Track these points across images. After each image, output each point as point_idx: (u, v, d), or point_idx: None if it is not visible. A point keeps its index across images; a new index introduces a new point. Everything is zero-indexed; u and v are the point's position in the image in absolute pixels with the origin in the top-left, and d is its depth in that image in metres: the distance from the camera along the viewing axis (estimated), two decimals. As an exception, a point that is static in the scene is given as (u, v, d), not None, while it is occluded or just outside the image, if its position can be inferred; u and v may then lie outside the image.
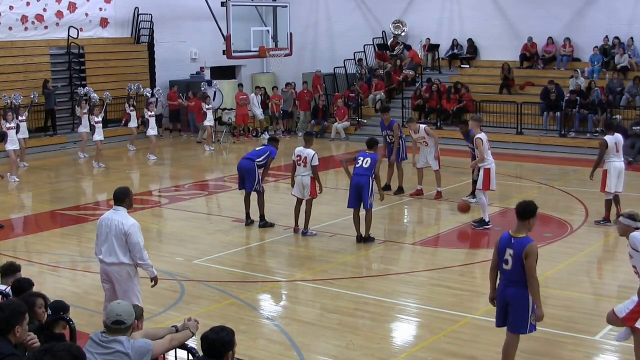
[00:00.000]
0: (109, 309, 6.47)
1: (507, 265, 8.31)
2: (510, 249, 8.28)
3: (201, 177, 22.81)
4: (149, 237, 16.19)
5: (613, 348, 9.97)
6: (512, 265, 8.27)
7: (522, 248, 8.18)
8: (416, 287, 12.38)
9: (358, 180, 14.54)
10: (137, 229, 9.35)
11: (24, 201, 19.84)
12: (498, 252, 8.43)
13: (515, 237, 8.31)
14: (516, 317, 8.42)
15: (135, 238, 9.30)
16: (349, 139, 28.49)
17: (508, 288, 8.39)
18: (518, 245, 8.23)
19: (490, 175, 15.48)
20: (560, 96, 26.10)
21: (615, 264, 13.46)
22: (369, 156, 14.68)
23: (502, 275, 8.46)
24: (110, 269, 9.47)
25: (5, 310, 6.14)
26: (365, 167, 14.57)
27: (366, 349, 9.84)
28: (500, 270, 8.46)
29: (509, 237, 8.35)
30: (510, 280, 8.35)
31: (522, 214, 8.35)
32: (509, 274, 8.33)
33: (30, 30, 27.76)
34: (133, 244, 9.32)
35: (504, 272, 8.41)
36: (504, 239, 8.39)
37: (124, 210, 9.46)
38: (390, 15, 31.95)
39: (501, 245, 8.40)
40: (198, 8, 28.74)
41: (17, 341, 6.12)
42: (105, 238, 9.42)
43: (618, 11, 27.54)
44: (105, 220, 9.49)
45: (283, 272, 13.30)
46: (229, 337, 5.95)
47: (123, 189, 9.63)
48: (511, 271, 8.30)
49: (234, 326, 8.57)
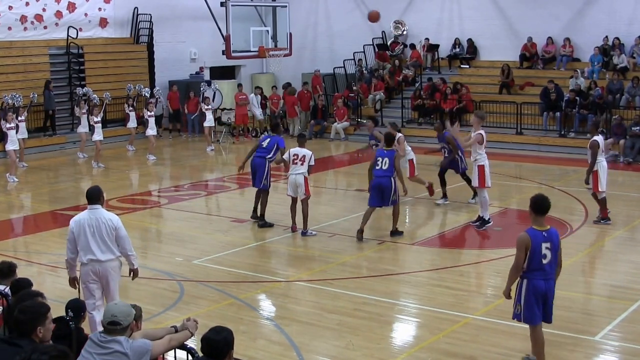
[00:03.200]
0: (105, 309, 6.48)
1: (546, 260, 8.53)
2: (545, 242, 8.50)
3: (201, 177, 22.80)
4: (149, 238, 16.24)
5: (613, 348, 9.97)
6: (551, 258, 8.55)
7: (558, 239, 8.60)
8: (416, 287, 12.37)
9: (379, 181, 14.68)
10: (121, 223, 9.59)
11: (23, 201, 19.83)
12: (534, 249, 8.49)
13: (545, 229, 8.58)
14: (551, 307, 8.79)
15: (124, 231, 9.54)
16: (348, 139, 28.47)
17: (549, 282, 8.64)
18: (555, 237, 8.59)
19: (484, 172, 15.44)
20: (560, 96, 26.09)
21: (615, 265, 13.44)
22: (387, 156, 14.76)
23: (541, 271, 8.56)
24: (105, 267, 9.48)
25: (26, 313, 6.25)
26: (385, 169, 14.68)
27: (366, 349, 9.82)
28: (538, 267, 8.54)
29: (541, 232, 8.54)
30: (550, 274, 8.64)
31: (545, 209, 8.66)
32: (549, 267, 8.59)
33: (30, 31, 27.72)
34: (123, 237, 9.50)
35: (543, 268, 8.56)
36: (538, 236, 8.52)
37: (100, 207, 9.56)
38: (390, 16, 31.87)
39: (536, 241, 8.50)
40: (197, 8, 28.73)
41: (41, 341, 6.23)
42: (93, 237, 9.39)
43: (618, 11, 27.51)
44: (86, 220, 9.42)
45: (282, 273, 13.29)
46: (231, 337, 6.00)
47: (96, 188, 9.76)
48: (550, 264, 8.57)
49: (234, 326, 8.56)
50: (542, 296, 8.62)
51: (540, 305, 8.66)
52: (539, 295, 8.62)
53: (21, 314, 6.23)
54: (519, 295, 8.77)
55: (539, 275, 8.57)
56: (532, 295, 8.62)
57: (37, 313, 6.26)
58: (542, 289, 8.60)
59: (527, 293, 8.65)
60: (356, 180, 21.13)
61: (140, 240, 15.79)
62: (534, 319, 8.74)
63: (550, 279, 8.65)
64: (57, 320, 6.98)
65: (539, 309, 8.67)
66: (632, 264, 13.48)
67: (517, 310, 8.83)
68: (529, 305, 8.66)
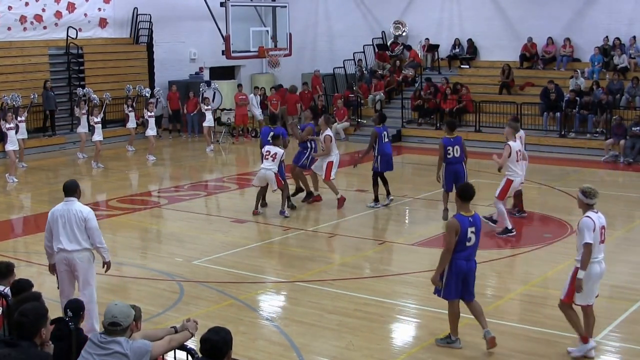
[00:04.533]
0: (106, 310, 6.44)
1: (470, 242, 9.37)
2: (471, 227, 9.33)
3: (200, 177, 22.78)
4: (148, 238, 16.22)
5: (613, 349, 9.96)
6: (474, 241, 9.42)
7: (481, 223, 9.53)
8: (416, 287, 12.35)
9: (455, 168, 15.71)
10: (93, 215, 9.89)
11: (23, 202, 19.80)
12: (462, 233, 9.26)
13: (471, 215, 9.44)
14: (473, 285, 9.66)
15: (94, 223, 9.81)
16: (349, 140, 28.45)
17: (470, 262, 9.48)
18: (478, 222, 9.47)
19: (509, 187, 15.20)
20: (560, 97, 26.07)
21: (616, 265, 13.39)
22: (457, 143, 15.73)
23: (464, 252, 9.36)
24: (72, 256, 9.84)
25: (29, 315, 6.28)
26: (457, 156, 15.72)
27: (366, 349, 9.82)
28: (462, 249, 9.33)
29: (467, 218, 9.36)
30: (472, 255, 9.49)
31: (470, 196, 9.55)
32: (472, 249, 9.44)
33: (29, 31, 27.68)
34: (92, 229, 9.79)
35: (466, 249, 9.37)
36: (465, 221, 9.32)
37: (75, 200, 9.91)
38: (389, 16, 31.91)
39: (464, 226, 9.28)
40: (197, 8, 28.71)
41: (43, 342, 6.32)
42: (64, 227, 9.81)
43: (618, 11, 27.50)
44: (59, 211, 9.89)
45: (282, 273, 13.27)
46: (230, 336, 6.03)
47: (73, 182, 10.14)
48: (473, 246, 9.44)
49: (234, 327, 8.57)
50: (463, 275, 9.45)
51: (460, 284, 9.48)
52: (460, 274, 9.43)
53: (24, 317, 6.24)
54: (442, 273, 9.51)
55: (462, 257, 9.38)
56: (453, 274, 9.42)
57: (39, 315, 6.29)
58: (463, 268, 9.42)
59: (450, 272, 9.44)
60: (356, 181, 21.14)
61: (140, 241, 15.81)
62: (451, 295, 9.55)
63: (472, 260, 9.50)
64: (56, 321, 7.00)
65: (457, 287, 9.49)
66: (633, 264, 13.48)
67: (439, 287, 9.61)
68: (449, 282, 9.47)
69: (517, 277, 13.04)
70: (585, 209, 9.28)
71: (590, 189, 9.31)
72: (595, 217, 9.16)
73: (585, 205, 9.27)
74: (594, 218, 9.14)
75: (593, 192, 9.25)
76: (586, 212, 9.24)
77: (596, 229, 9.08)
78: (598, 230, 9.12)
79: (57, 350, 6.83)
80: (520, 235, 15.34)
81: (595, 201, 9.26)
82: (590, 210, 9.24)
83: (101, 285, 10.91)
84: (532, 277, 12.71)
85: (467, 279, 9.53)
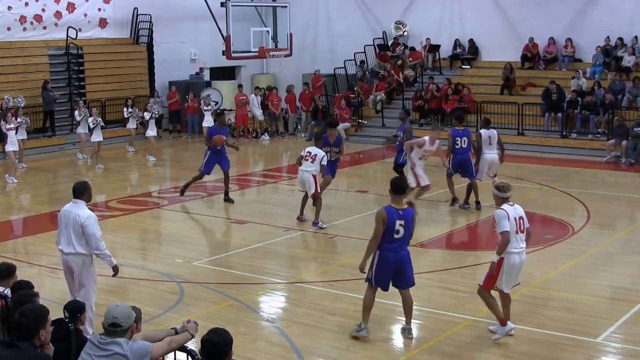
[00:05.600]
0: (107, 311, 6.42)
1: (399, 235, 9.73)
2: (400, 220, 9.67)
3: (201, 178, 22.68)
4: (149, 239, 16.18)
5: (615, 351, 9.95)
6: (403, 234, 9.76)
7: (412, 217, 9.82)
8: (417, 289, 12.19)
9: (463, 157, 16.95)
10: (93, 220, 9.71)
11: (22, 202, 19.76)
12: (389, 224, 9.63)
13: (402, 208, 9.76)
14: (410, 274, 10.07)
15: (91, 229, 9.66)
16: (350, 140, 28.40)
17: (399, 253, 9.86)
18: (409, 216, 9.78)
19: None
20: (562, 97, 26.01)
21: (617, 266, 13.37)
22: (465, 135, 17.01)
23: (392, 244, 9.75)
24: (69, 259, 9.84)
25: (28, 316, 6.25)
26: (465, 147, 16.95)
27: (367, 351, 9.79)
28: (390, 240, 9.72)
29: (397, 210, 9.70)
30: (401, 247, 9.87)
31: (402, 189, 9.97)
32: (401, 241, 9.82)
33: (29, 31, 27.63)
34: (89, 235, 9.68)
35: (395, 242, 9.74)
36: (394, 213, 9.68)
37: (82, 203, 9.84)
38: (390, 16, 31.86)
39: (392, 218, 9.65)
40: (197, 8, 28.66)
41: (42, 344, 6.27)
42: (65, 229, 9.79)
43: (620, 11, 27.46)
44: (64, 212, 9.88)
45: (283, 274, 13.22)
46: (230, 338, 6.02)
47: (82, 183, 10.06)
48: (402, 239, 9.81)
49: (234, 328, 8.53)
50: (392, 267, 9.86)
51: (390, 275, 9.92)
52: (390, 266, 9.85)
53: (23, 317, 6.22)
54: (372, 263, 9.93)
55: (390, 248, 9.78)
56: (382, 265, 9.87)
57: (39, 316, 6.26)
58: (392, 259, 9.82)
59: (379, 263, 9.88)
60: (357, 181, 21.10)
61: (140, 242, 15.77)
62: (383, 285, 10.01)
63: (402, 251, 9.89)
64: (55, 322, 6.95)
65: (387, 278, 9.95)
66: (634, 265, 13.44)
67: (369, 275, 10.00)
68: (379, 273, 9.94)
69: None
70: (500, 203, 9.97)
71: (504, 183, 10.10)
72: (509, 209, 9.82)
73: (501, 199, 9.97)
74: (507, 210, 9.79)
75: (506, 186, 10.00)
76: (501, 205, 9.91)
77: (511, 219, 9.71)
78: (513, 221, 9.74)
79: (57, 352, 6.79)
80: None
81: (509, 195, 9.95)
82: (505, 203, 9.93)
83: (101, 286, 10.85)
84: (534, 279, 12.64)
85: (400, 268, 9.93)
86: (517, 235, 9.79)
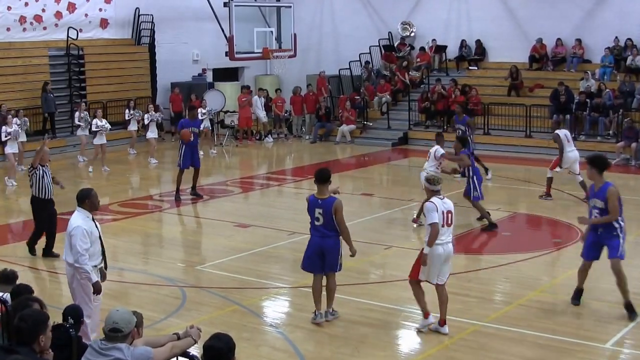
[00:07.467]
0: (107, 316, 6.41)
1: (319, 222, 10.36)
2: (319, 208, 10.30)
3: (203, 181, 22.52)
4: (150, 243, 16.04)
5: (624, 356, 9.95)
6: (323, 222, 10.33)
7: (331, 206, 10.25)
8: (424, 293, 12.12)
9: None
10: (79, 231, 9.29)
11: (22, 206, 19.55)
12: (309, 211, 10.42)
13: (322, 198, 10.35)
14: (332, 260, 10.49)
15: (74, 240, 9.32)
16: (355, 142, 28.25)
17: (324, 239, 10.42)
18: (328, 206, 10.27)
19: None
20: (570, 98, 25.75)
21: (627, 270, 13.12)
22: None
23: (316, 230, 10.45)
24: (67, 266, 9.65)
25: (27, 321, 6.22)
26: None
27: (371, 356, 9.72)
28: (313, 226, 10.47)
29: (317, 200, 10.36)
30: (325, 233, 10.39)
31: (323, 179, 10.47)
32: (322, 228, 10.38)
33: (29, 31, 27.48)
34: (72, 245, 9.38)
35: (317, 228, 10.42)
36: (315, 202, 10.38)
37: (83, 211, 9.54)
38: (396, 16, 31.67)
39: (311, 206, 10.41)
40: (200, 8, 28.56)
41: (42, 350, 6.24)
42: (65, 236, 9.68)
43: (629, 12, 27.22)
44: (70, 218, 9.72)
45: (287, 278, 13.10)
46: (233, 343, 5.93)
47: (84, 191, 9.77)
48: (323, 226, 10.36)
49: (237, 333, 8.39)
50: (318, 250, 10.48)
51: (317, 258, 10.51)
52: (316, 249, 10.49)
53: (22, 322, 6.19)
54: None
55: (315, 234, 10.49)
56: (310, 248, 10.59)
57: (39, 321, 6.23)
58: (317, 244, 10.48)
59: (308, 247, 10.64)
60: (362, 184, 20.94)
61: (141, 246, 15.68)
62: (312, 269, 10.66)
63: (327, 237, 10.40)
64: (55, 327, 6.92)
65: (313, 261, 10.56)
66: (644, 269, 13.24)
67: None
68: (307, 256, 10.64)
69: (526, 282, 12.80)
70: (430, 195, 10.38)
71: (434, 176, 10.68)
72: (438, 202, 10.18)
73: (431, 192, 10.38)
74: (436, 203, 10.15)
75: (436, 179, 10.45)
76: (431, 198, 10.30)
77: (439, 212, 10.06)
78: (441, 214, 10.09)
79: (57, 358, 6.72)
80: (529, 240, 15.19)
81: (439, 188, 10.35)
82: (435, 196, 10.30)
83: (102, 291, 10.67)
84: (542, 283, 12.54)
85: (325, 254, 10.47)
86: (442, 228, 10.10)
